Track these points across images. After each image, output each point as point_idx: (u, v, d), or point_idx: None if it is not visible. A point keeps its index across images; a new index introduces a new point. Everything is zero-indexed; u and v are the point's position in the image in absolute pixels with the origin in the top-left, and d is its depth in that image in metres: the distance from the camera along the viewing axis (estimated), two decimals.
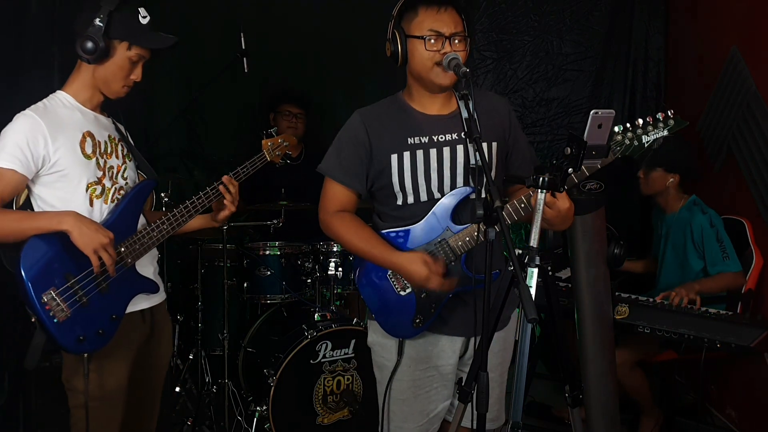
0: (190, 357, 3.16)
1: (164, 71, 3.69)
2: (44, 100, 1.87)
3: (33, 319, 1.73)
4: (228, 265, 3.10)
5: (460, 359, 1.97)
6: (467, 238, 1.80)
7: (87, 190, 1.84)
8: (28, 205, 1.86)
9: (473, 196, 1.86)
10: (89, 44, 1.80)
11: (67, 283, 1.75)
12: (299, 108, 3.64)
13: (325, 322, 2.92)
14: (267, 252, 3.19)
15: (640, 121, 1.67)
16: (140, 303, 1.96)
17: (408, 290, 1.86)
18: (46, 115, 1.80)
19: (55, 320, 1.71)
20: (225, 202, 2.02)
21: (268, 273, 3.17)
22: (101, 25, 1.80)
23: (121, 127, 2.05)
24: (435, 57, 1.76)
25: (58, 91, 1.90)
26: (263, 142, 2.24)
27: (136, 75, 1.91)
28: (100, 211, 1.88)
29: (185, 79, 3.87)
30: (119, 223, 1.89)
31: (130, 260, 1.88)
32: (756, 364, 2.89)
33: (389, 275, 1.87)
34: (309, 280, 3.18)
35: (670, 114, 1.67)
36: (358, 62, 3.93)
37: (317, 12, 3.97)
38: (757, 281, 2.92)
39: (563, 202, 1.67)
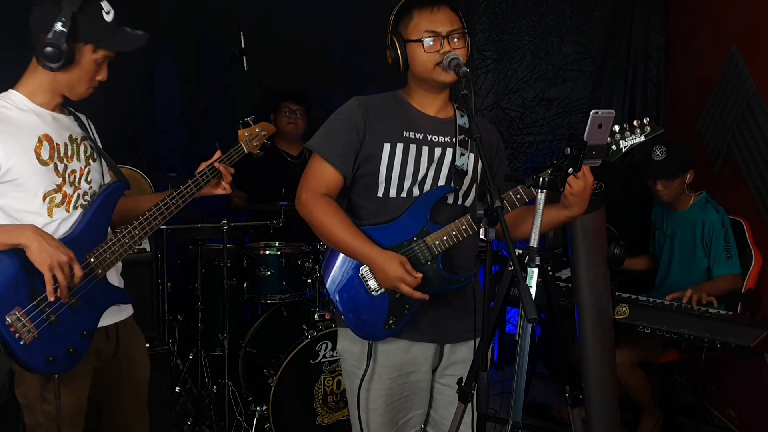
0: (190, 357, 3.16)
1: (164, 71, 3.70)
2: None
3: None
4: (228, 265, 3.09)
5: (434, 371, 1.92)
6: (445, 237, 1.77)
7: (45, 200, 1.70)
8: None
9: (451, 197, 1.84)
10: (51, 51, 1.63)
11: (33, 301, 1.61)
12: (298, 104, 3.64)
13: (325, 322, 2.92)
14: (267, 252, 3.19)
15: (617, 127, 1.69)
16: (104, 319, 1.82)
17: (381, 290, 1.80)
18: None
19: (21, 342, 1.58)
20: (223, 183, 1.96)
21: (268, 273, 3.17)
22: (64, 30, 1.62)
23: (87, 123, 1.89)
24: (435, 58, 1.76)
25: (11, 91, 1.74)
26: (240, 132, 2.12)
27: (102, 75, 1.77)
28: (61, 220, 1.74)
29: (185, 79, 3.87)
30: (88, 231, 1.76)
31: (100, 271, 1.75)
32: (756, 364, 2.89)
33: (361, 274, 1.81)
34: (309, 280, 3.19)
35: (645, 121, 1.72)
36: (358, 62, 3.94)
37: (317, 12, 3.97)
38: (757, 281, 2.93)
39: (590, 174, 1.63)
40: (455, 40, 1.77)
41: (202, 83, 3.66)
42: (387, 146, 1.82)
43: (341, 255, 1.83)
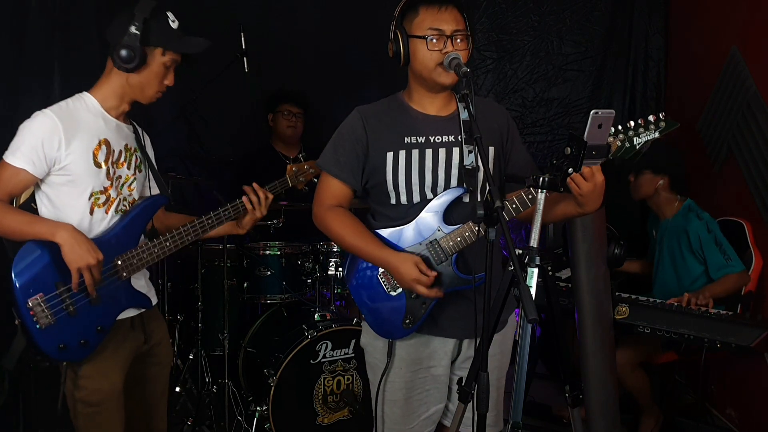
0: (190, 357, 3.16)
1: None
2: (68, 99, 1.86)
3: (17, 322, 1.74)
4: (228, 265, 3.09)
5: (453, 363, 1.96)
6: (458, 239, 1.80)
7: (90, 198, 1.84)
8: (29, 202, 1.87)
9: (466, 197, 1.84)
10: (126, 53, 1.80)
11: (56, 291, 1.75)
12: (298, 107, 3.64)
13: (325, 322, 2.92)
14: (267, 252, 3.19)
15: (632, 123, 1.67)
16: (129, 311, 1.96)
17: (398, 290, 1.84)
18: (65, 117, 1.79)
19: (38, 326, 1.73)
20: (249, 210, 2.05)
21: (268, 273, 3.16)
22: (137, 33, 1.80)
23: (143, 137, 2.04)
24: (437, 57, 1.76)
25: (86, 93, 1.89)
26: (288, 167, 2.25)
27: (170, 80, 1.93)
28: (99, 220, 1.87)
29: (185, 79, 3.86)
30: (121, 235, 1.89)
31: (125, 274, 1.87)
32: (756, 364, 2.89)
33: (380, 275, 1.86)
34: (309, 280, 3.19)
35: (661, 116, 1.68)
36: (359, 63, 3.93)
37: (317, 12, 3.97)
38: (757, 282, 2.92)
39: (600, 174, 1.62)
40: (458, 40, 1.77)
41: (202, 83, 3.65)
42: (390, 155, 1.84)
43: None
